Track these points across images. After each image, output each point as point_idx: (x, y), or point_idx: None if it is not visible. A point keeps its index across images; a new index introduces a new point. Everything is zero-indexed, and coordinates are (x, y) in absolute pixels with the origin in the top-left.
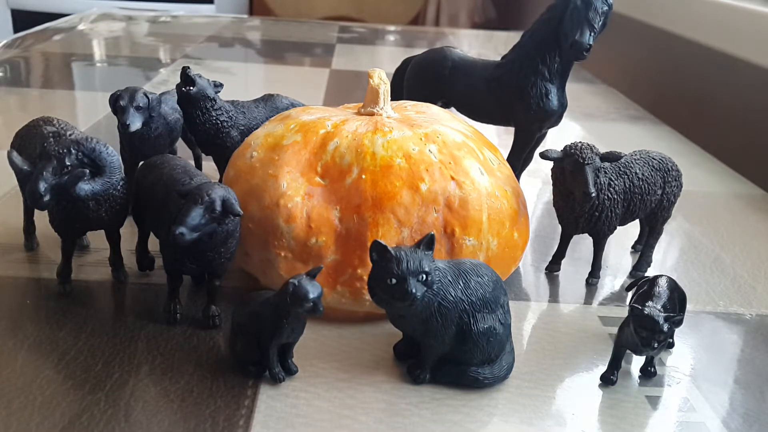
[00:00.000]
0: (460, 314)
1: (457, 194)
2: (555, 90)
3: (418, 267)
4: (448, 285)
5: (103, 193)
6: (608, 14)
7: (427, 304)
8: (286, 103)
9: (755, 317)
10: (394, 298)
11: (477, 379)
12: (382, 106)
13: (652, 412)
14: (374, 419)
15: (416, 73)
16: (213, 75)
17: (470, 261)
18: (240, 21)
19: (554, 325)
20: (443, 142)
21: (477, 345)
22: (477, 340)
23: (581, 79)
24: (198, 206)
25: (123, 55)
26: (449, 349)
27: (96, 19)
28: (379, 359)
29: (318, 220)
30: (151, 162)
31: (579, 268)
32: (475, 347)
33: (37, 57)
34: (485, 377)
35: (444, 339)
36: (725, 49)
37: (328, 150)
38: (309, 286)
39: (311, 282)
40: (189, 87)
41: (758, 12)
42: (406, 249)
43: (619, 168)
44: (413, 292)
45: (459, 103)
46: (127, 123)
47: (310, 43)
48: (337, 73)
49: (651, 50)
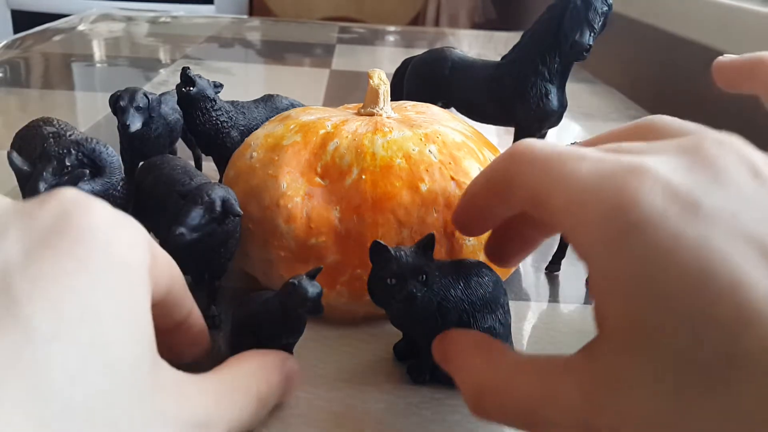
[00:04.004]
0: (460, 314)
1: (457, 194)
2: (555, 90)
3: (418, 267)
4: (448, 285)
5: (103, 193)
6: (608, 14)
7: (426, 304)
8: (286, 104)
9: None
10: (394, 298)
11: None
12: (382, 106)
13: None
14: (374, 419)
15: (416, 74)
16: (213, 75)
17: (470, 261)
18: (240, 21)
19: (554, 325)
20: (443, 142)
21: None
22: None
23: (581, 79)
24: (198, 206)
25: (123, 56)
26: None
27: (96, 20)
28: (379, 359)
29: (318, 220)
30: (151, 162)
31: (579, 268)
32: None
33: (37, 57)
34: None
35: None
36: (725, 49)
37: (328, 150)
38: (309, 286)
39: (311, 282)
40: (189, 87)
41: (758, 12)
42: (406, 249)
43: None
44: (413, 291)
45: (459, 103)
46: (127, 123)
47: (310, 43)
48: (337, 73)
49: (651, 50)
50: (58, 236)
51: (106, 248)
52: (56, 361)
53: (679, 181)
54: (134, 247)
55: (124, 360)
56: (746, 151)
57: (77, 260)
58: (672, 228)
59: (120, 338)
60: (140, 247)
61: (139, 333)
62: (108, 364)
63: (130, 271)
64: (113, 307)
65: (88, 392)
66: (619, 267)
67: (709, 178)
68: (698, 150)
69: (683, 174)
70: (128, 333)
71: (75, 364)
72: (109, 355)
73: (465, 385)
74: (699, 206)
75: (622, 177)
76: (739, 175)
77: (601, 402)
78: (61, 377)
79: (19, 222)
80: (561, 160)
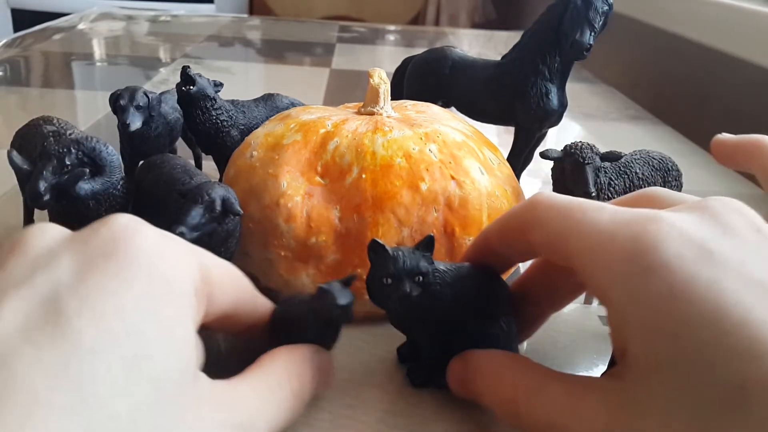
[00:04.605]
0: (459, 319)
1: (457, 194)
2: (555, 90)
3: (415, 267)
4: (448, 288)
5: (103, 192)
6: (608, 14)
7: (424, 306)
8: (286, 103)
9: None
10: (389, 298)
11: None
12: (383, 105)
13: None
14: (375, 419)
15: (416, 73)
16: (213, 74)
17: (474, 265)
18: (240, 21)
19: (554, 325)
20: (443, 141)
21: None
22: (475, 347)
23: (581, 79)
24: (198, 205)
25: (123, 55)
26: (450, 353)
27: (96, 19)
28: (379, 359)
29: (318, 219)
30: (151, 161)
31: None
32: None
33: (37, 56)
34: None
35: (442, 342)
36: (725, 49)
37: (328, 149)
38: (339, 294)
39: (343, 290)
40: (189, 86)
41: (758, 12)
42: (404, 249)
43: (619, 168)
44: (408, 292)
45: (459, 103)
46: (127, 122)
47: (310, 42)
48: (337, 72)
49: (651, 50)
50: (105, 259)
51: (149, 270)
52: (101, 373)
53: (693, 231)
54: (179, 268)
55: (165, 373)
56: (747, 211)
57: (122, 281)
58: (687, 271)
59: (161, 353)
60: (186, 269)
61: (179, 348)
62: (150, 376)
63: (173, 291)
64: (155, 324)
65: (131, 402)
66: (638, 304)
67: (718, 231)
68: (707, 208)
69: (696, 226)
70: (169, 348)
71: (119, 376)
72: (151, 368)
73: (496, 398)
74: (711, 252)
75: (640, 224)
76: (743, 229)
77: (624, 422)
78: (106, 388)
79: (71, 248)
80: (581, 209)
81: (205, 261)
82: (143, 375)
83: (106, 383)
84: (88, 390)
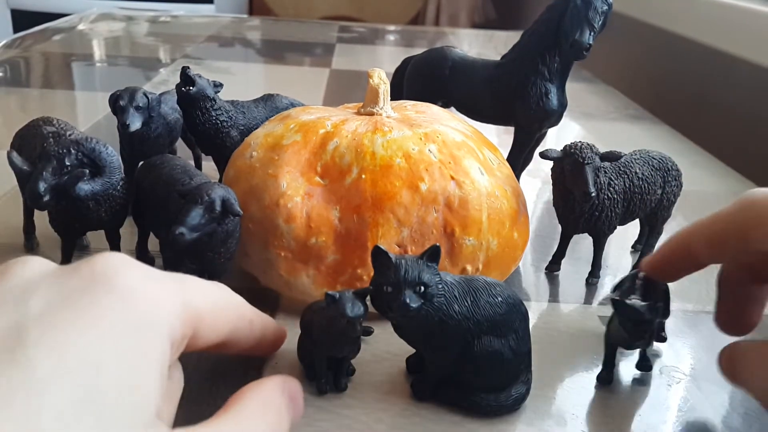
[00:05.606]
0: (464, 333)
1: (457, 194)
2: (555, 90)
3: (417, 278)
4: (453, 301)
5: (102, 193)
6: (608, 14)
7: (426, 317)
8: (286, 103)
9: None
10: (389, 307)
11: (478, 405)
12: (382, 105)
13: (652, 411)
14: (375, 419)
15: (416, 73)
16: (213, 75)
17: (485, 279)
18: (240, 21)
19: (554, 325)
20: (443, 141)
21: (479, 369)
22: (479, 364)
23: (581, 79)
24: (198, 206)
25: (123, 55)
26: (454, 368)
27: (96, 19)
28: (379, 359)
29: (318, 219)
30: (151, 162)
31: (579, 268)
32: (477, 371)
33: (37, 57)
34: (488, 405)
35: (446, 357)
36: (725, 49)
37: (328, 150)
38: (348, 304)
39: (354, 300)
40: (188, 87)
41: (758, 12)
42: (408, 258)
43: (619, 167)
44: (407, 302)
45: (459, 103)
46: (126, 123)
47: (310, 43)
48: (337, 72)
49: (651, 50)
50: (80, 295)
51: (122, 309)
52: (49, 404)
53: None
54: (155, 310)
55: (117, 412)
56: None
57: (92, 317)
58: None
59: (117, 391)
60: (164, 312)
61: (138, 390)
62: (101, 413)
63: (143, 332)
64: (116, 363)
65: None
66: None
67: None
68: None
69: None
70: (127, 388)
71: (67, 409)
72: (102, 405)
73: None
74: None
75: None
76: None
77: None
78: (50, 421)
79: (50, 283)
80: None
81: (194, 299)
82: (92, 411)
83: (51, 416)
84: (33, 420)
